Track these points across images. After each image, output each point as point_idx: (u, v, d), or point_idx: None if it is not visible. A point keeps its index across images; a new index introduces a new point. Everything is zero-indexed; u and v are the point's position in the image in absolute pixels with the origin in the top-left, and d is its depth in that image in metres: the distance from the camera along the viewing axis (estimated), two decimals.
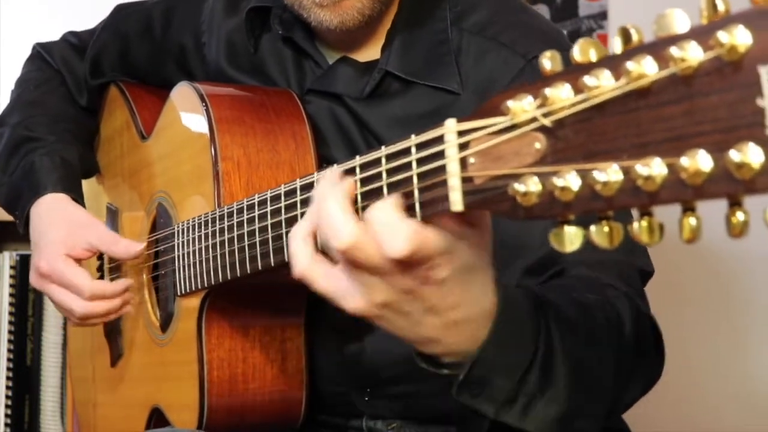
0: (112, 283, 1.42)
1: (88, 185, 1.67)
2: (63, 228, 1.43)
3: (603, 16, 2.39)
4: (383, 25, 1.31)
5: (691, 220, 0.60)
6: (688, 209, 0.60)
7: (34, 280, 1.46)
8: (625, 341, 1.03)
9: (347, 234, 0.75)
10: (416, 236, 0.73)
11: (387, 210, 0.74)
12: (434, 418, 1.32)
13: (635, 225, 0.62)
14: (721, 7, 0.58)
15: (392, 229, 0.73)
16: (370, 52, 1.33)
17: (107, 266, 1.57)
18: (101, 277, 1.58)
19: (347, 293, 0.80)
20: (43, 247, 1.43)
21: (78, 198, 1.51)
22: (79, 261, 1.42)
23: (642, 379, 1.07)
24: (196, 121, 1.32)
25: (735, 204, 0.57)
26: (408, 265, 0.75)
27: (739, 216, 0.57)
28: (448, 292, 0.78)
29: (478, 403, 0.86)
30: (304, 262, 0.82)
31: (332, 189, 0.79)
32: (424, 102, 1.26)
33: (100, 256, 1.59)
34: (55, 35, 1.73)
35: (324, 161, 1.30)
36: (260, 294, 1.27)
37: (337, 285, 0.80)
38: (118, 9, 1.68)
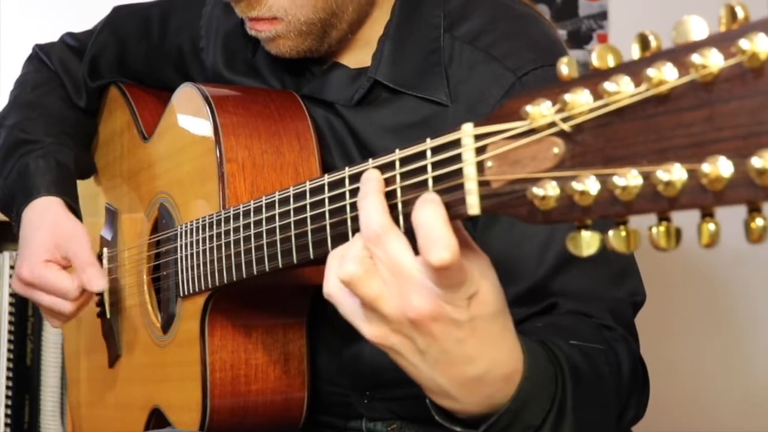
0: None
1: (86, 186, 1.67)
2: (48, 233, 1.43)
3: (603, 16, 2.40)
4: (375, 31, 1.31)
5: (710, 226, 0.60)
6: (707, 215, 0.61)
7: (16, 286, 1.47)
8: (622, 385, 1.05)
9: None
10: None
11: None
12: (434, 419, 1.32)
13: (653, 230, 0.63)
14: (740, 15, 0.58)
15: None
16: (363, 59, 1.32)
17: (106, 266, 1.57)
18: None
19: (365, 319, 0.82)
20: (26, 253, 1.44)
21: (72, 202, 1.51)
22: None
23: (630, 414, 1.09)
24: (200, 123, 1.32)
25: (754, 210, 0.58)
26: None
27: (759, 222, 0.58)
28: (464, 338, 0.78)
29: None
30: (332, 282, 0.83)
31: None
32: (413, 112, 1.26)
33: (99, 256, 1.58)
34: (54, 36, 1.73)
35: (323, 166, 1.30)
36: (263, 295, 1.27)
37: (357, 309, 0.82)
38: (116, 10, 1.68)
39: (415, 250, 0.76)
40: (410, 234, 0.76)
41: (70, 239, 1.42)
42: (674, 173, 0.59)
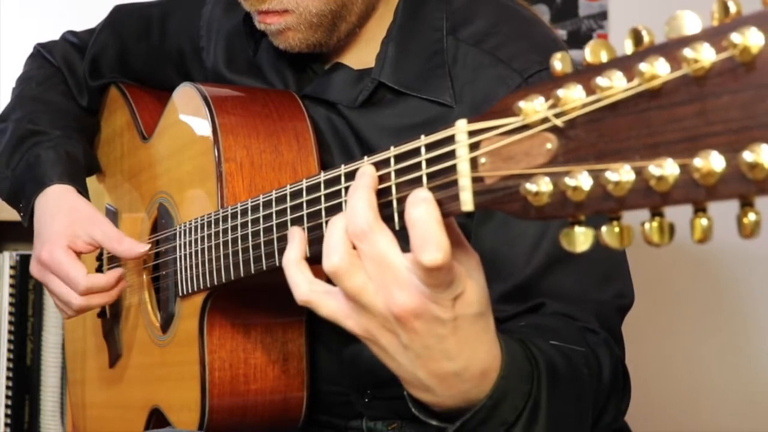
0: (106, 274, 1.41)
1: (87, 185, 1.67)
2: (66, 219, 1.43)
3: (603, 16, 2.41)
4: (378, 31, 1.31)
5: (703, 221, 0.60)
6: (700, 210, 0.60)
7: (34, 270, 1.46)
8: (601, 388, 1.06)
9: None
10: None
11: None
12: None
13: (646, 225, 0.63)
14: (732, 9, 0.58)
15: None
16: (365, 59, 1.32)
17: (106, 264, 1.57)
18: (99, 270, 1.58)
19: (348, 313, 0.82)
20: (46, 236, 1.43)
21: (83, 191, 1.51)
22: (79, 254, 1.42)
23: (607, 418, 1.10)
24: (199, 122, 1.32)
25: (747, 204, 0.58)
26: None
27: (751, 216, 0.58)
28: (446, 335, 0.79)
29: None
30: (303, 288, 0.84)
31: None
32: (417, 113, 1.26)
33: (100, 255, 1.58)
34: (54, 36, 1.73)
35: (323, 166, 1.30)
36: (262, 295, 1.27)
37: (337, 306, 0.82)
38: (117, 10, 1.68)
39: (407, 248, 0.76)
40: (405, 231, 0.77)
41: (90, 222, 1.42)
42: (666, 168, 0.59)
